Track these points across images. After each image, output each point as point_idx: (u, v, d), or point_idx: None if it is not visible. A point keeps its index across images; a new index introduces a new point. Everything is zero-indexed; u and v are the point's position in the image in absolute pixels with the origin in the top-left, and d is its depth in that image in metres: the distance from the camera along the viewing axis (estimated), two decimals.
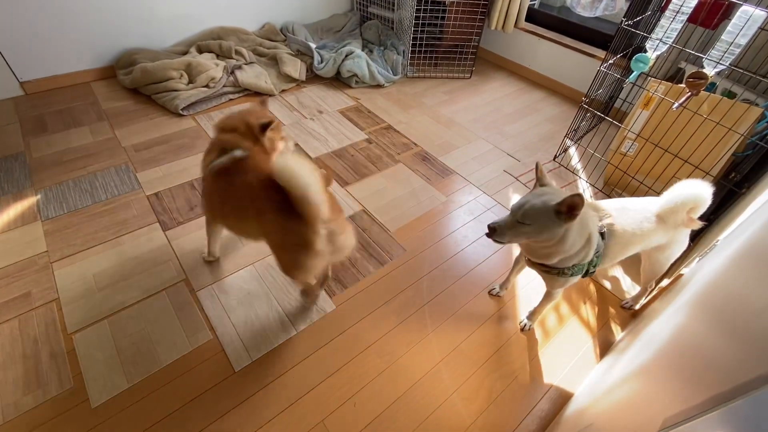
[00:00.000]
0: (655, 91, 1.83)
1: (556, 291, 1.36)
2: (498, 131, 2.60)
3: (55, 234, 1.70)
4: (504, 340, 1.49)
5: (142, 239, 1.71)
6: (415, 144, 2.42)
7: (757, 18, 1.49)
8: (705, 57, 1.64)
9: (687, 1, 1.68)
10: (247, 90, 2.69)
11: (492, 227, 1.08)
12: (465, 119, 2.69)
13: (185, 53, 2.77)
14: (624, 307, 1.63)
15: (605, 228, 1.22)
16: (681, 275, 1.49)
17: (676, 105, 1.69)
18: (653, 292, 1.59)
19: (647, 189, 1.94)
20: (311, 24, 3.33)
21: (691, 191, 1.19)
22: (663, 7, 2.00)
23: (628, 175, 1.98)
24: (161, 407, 1.24)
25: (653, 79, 1.91)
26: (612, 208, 1.27)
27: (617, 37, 2.05)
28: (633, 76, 1.92)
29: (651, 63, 1.85)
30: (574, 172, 2.30)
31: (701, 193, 1.19)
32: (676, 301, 1.17)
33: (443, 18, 2.99)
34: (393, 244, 1.80)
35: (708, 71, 1.62)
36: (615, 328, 1.57)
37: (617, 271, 1.77)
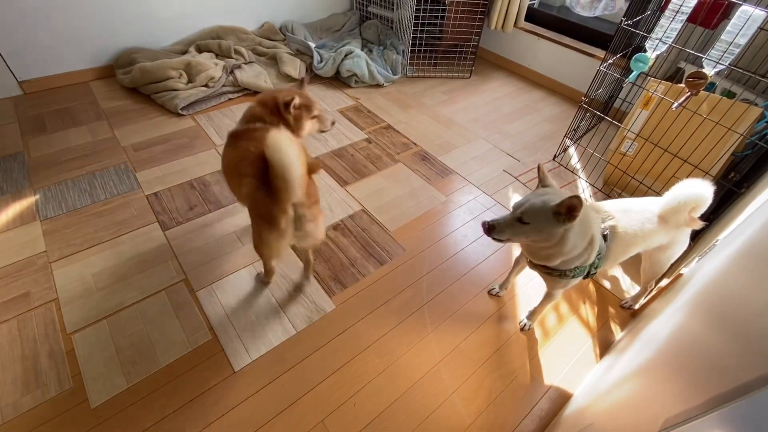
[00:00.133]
0: (655, 91, 1.83)
1: (556, 292, 1.36)
2: (497, 131, 2.60)
3: (54, 234, 1.70)
4: (504, 339, 1.49)
5: (141, 239, 1.71)
6: (415, 144, 2.41)
7: (757, 18, 1.49)
8: (704, 57, 1.64)
9: (686, 1, 1.68)
10: (247, 89, 2.68)
11: (491, 224, 1.08)
12: (464, 119, 2.68)
13: (184, 53, 2.76)
14: (623, 307, 1.63)
15: (608, 230, 1.22)
16: (680, 275, 1.49)
17: (675, 105, 1.69)
18: (653, 291, 1.59)
19: (647, 189, 1.94)
20: (310, 23, 3.33)
21: (693, 191, 1.20)
22: (662, 7, 2.00)
23: (627, 175, 1.98)
24: (161, 407, 1.24)
25: (653, 79, 1.91)
26: (614, 209, 1.27)
27: (617, 37, 2.05)
28: (632, 75, 1.92)
29: (650, 63, 1.85)
30: (573, 171, 2.30)
31: (703, 193, 1.19)
32: (675, 301, 1.17)
33: (443, 17, 2.98)
34: (392, 243, 1.79)
35: (707, 71, 1.62)
36: (614, 327, 1.57)
37: (617, 271, 1.77)
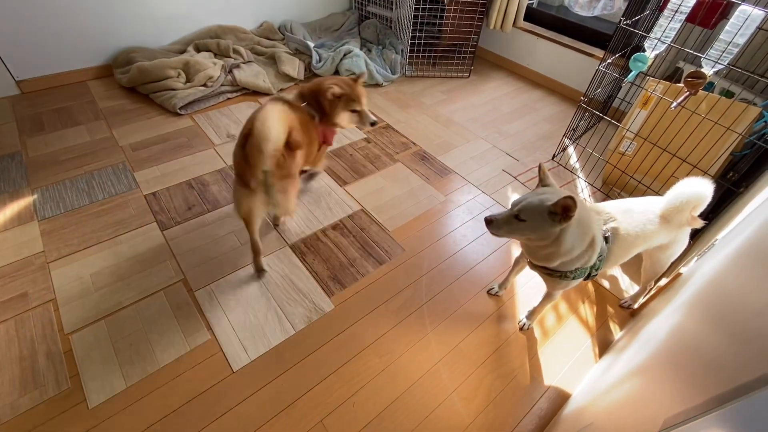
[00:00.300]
0: (654, 91, 1.83)
1: (556, 292, 1.36)
2: (496, 130, 2.60)
3: (52, 234, 1.69)
4: (503, 339, 1.49)
5: (139, 239, 1.71)
6: (414, 143, 2.41)
7: (756, 17, 1.49)
8: (703, 56, 1.64)
9: (685, 1, 1.68)
10: (245, 89, 2.68)
11: (489, 219, 1.11)
12: (463, 118, 2.68)
13: (183, 52, 2.76)
14: (623, 307, 1.63)
15: (609, 232, 1.22)
16: (680, 274, 1.49)
17: (674, 104, 1.69)
18: (652, 291, 1.59)
19: (646, 188, 1.94)
20: (309, 23, 3.32)
21: (694, 189, 1.20)
22: (661, 7, 2.00)
23: (626, 175, 1.98)
24: (159, 408, 1.23)
25: (652, 79, 1.91)
26: (616, 210, 1.27)
27: (616, 37, 2.05)
28: (631, 75, 1.92)
29: (649, 62, 1.85)
30: (572, 171, 2.30)
31: (703, 191, 1.20)
32: (674, 301, 1.17)
33: (442, 17, 2.98)
34: (392, 243, 1.79)
35: (706, 70, 1.62)
36: (614, 327, 1.57)
37: (616, 271, 1.77)
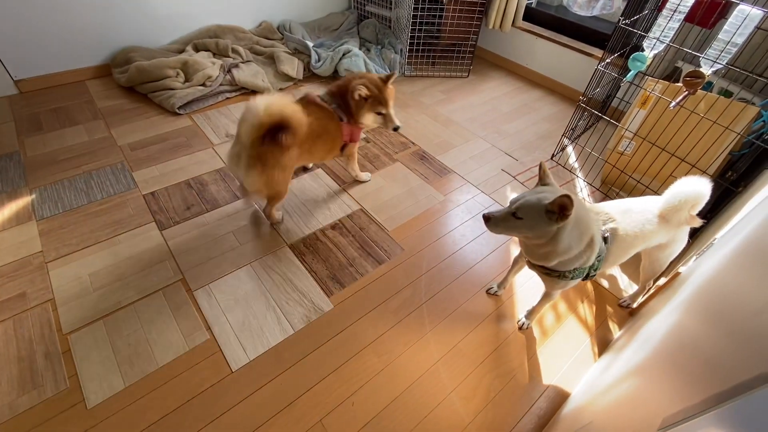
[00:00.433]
0: (653, 90, 1.83)
1: (555, 292, 1.36)
2: (496, 130, 2.60)
3: (50, 234, 1.69)
4: (502, 338, 1.49)
5: (138, 239, 1.70)
6: (413, 143, 2.41)
7: (754, 17, 1.49)
8: (702, 56, 1.64)
9: (684, 0, 1.68)
10: (244, 88, 2.67)
11: (487, 216, 1.12)
12: (463, 118, 2.68)
13: (181, 51, 2.75)
14: (621, 306, 1.63)
15: (608, 232, 1.22)
16: (678, 273, 1.49)
17: (673, 104, 1.69)
18: (651, 290, 1.59)
19: (644, 188, 1.95)
20: (308, 22, 3.32)
21: (693, 188, 1.20)
22: (660, 6, 2.00)
23: (625, 174, 1.99)
24: (158, 408, 1.23)
25: (650, 78, 1.91)
26: (615, 210, 1.27)
27: (614, 36, 2.05)
28: (630, 75, 1.92)
29: (648, 62, 1.85)
30: (571, 171, 2.30)
31: (702, 190, 1.20)
32: (673, 300, 1.18)
33: (441, 17, 2.98)
34: (391, 243, 1.79)
35: (705, 70, 1.62)
36: (613, 326, 1.57)
37: (615, 270, 1.77)
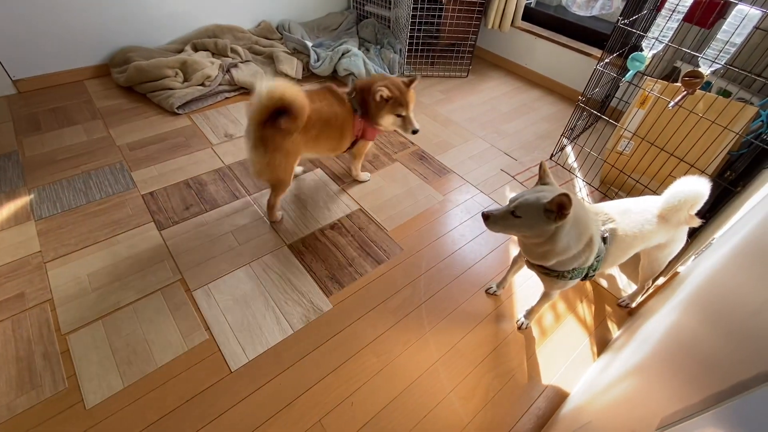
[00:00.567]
0: (651, 90, 1.83)
1: (554, 292, 1.36)
2: (495, 130, 2.60)
3: (49, 234, 1.68)
4: (501, 338, 1.49)
5: (137, 239, 1.70)
6: (412, 143, 2.41)
7: (753, 17, 1.49)
8: (700, 56, 1.65)
9: (683, 1, 1.69)
10: (243, 88, 2.67)
11: (486, 214, 1.12)
12: (462, 118, 2.68)
13: (180, 51, 2.75)
14: (620, 306, 1.63)
15: (607, 233, 1.22)
16: (677, 273, 1.50)
17: (671, 104, 1.69)
18: (649, 290, 1.59)
19: (643, 187, 1.95)
20: (307, 22, 3.32)
21: (692, 188, 1.21)
22: (659, 6, 2.00)
23: (624, 174, 1.99)
24: (157, 408, 1.23)
25: (649, 78, 1.91)
26: (614, 211, 1.27)
27: (613, 36, 2.05)
28: (629, 74, 1.92)
29: (647, 62, 1.86)
30: (570, 170, 2.30)
31: (700, 190, 1.20)
32: (672, 300, 1.18)
33: (440, 17, 2.98)
34: (390, 243, 1.79)
35: (703, 70, 1.63)
36: (611, 326, 1.57)
37: (614, 270, 1.77)
